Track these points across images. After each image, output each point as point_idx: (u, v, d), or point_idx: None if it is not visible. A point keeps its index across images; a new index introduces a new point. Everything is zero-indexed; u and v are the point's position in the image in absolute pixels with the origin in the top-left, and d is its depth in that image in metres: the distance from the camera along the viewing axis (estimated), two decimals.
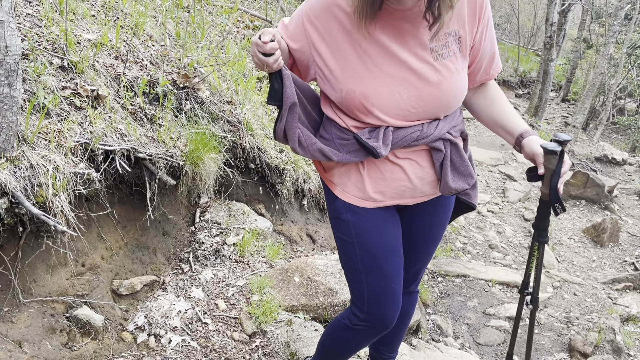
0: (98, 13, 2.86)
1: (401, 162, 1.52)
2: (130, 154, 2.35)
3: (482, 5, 1.49)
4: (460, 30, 1.47)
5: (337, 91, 1.47)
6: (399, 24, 1.43)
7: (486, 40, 1.55)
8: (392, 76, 1.43)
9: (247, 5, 6.52)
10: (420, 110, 1.46)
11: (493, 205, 6.24)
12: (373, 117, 1.46)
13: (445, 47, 1.45)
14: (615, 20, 10.41)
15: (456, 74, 1.47)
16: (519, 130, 1.56)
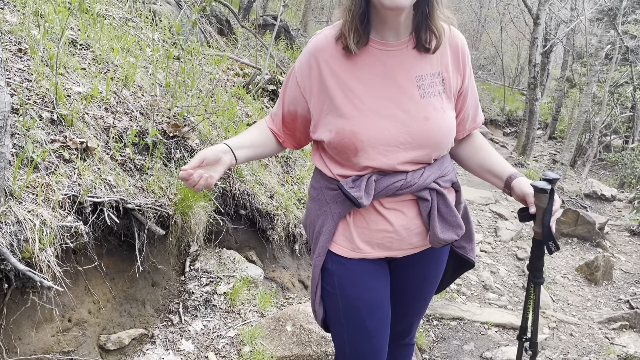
0: (89, 66, 2.91)
1: (386, 213, 1.52)
2: (119, 205, 2.34)
3: (464, 53, 1.55)
4: (443, 72, 1.51)
5: (326, 132, 1.49)
6: (386, 61, 1.46)
7: (471, 87, 1.60)
8: (380, 113, 1.45)
9: (237, 53, 6.65)
10: (409, 147, 1.47)
11: (486, 244, 6.23)
12: (362, 156, 1.46)
13: (430, 86, 1.49)
14: (596, 61, 10.70)
15: (442, 112, 1.50)
16: (507, 173, 1.59)
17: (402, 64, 1.47)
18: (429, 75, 1.49)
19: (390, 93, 1.46)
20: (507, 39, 22.82)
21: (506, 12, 21.18)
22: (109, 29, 3.68)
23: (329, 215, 1.57)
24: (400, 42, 1.47)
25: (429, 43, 1.46)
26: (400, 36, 1.47)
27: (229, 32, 7.13)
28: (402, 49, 1.47)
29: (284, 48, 8.99)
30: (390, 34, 1.46)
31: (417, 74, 1.47)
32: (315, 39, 1.52)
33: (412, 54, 1.48)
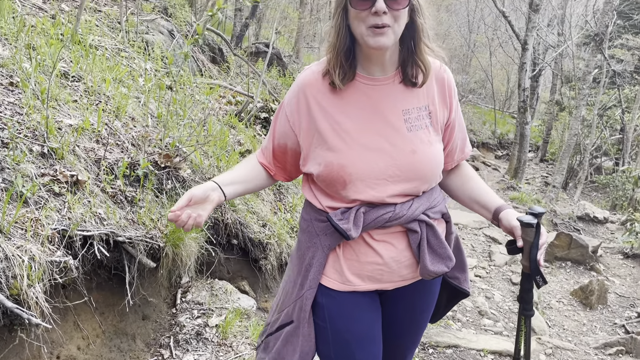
0: (80, 98, 2.92)
1: (376, 245, 1.52)
2: (110, 238, 2.32)
3: (450, 86, 1.57)
4: (430, 105, 1.53)
5: (315, 165, 1.50)
6: (373, 96, 1.49)
7: (458, 119, 1.62)
8: (368, 147, 1.46)
9: (230, 81, 6.71)
10: (397, 180, 1.48)
11: (480, 269, 6.20)
12: (351, 189, 1.46)
13: (417, 119, 1.50)
14: (585, 84, 10.87)
15: (429, 145, 1.51)
16: (495, 205, 1.60)
17: (388, 98, 1.49)
18: (415, 109, 1.51)
19: (377, 127, 1.47)
20: (496, 64, 23.17)
21: (495, 38, 21.54)
22: (101, 59, 3.70)
23: (319, 247, 1.56)
24: (387, 76, 1.49)
25: (416, 77, 1.49)
26: (387, 71, 1.49)
27: (221, 60, 7.19)
28: (388, 83, 1.49)
29: (277, 75, 9.08)
30: (377, 70, 1.48)
31: (403, 107, 1.49)
32: (303, 74, 1.55)
33: (399, 88, 1.50)
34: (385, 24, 1.38)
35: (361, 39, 1.41)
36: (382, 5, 1.36)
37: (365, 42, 1.40)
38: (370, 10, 1.36)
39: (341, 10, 1.42)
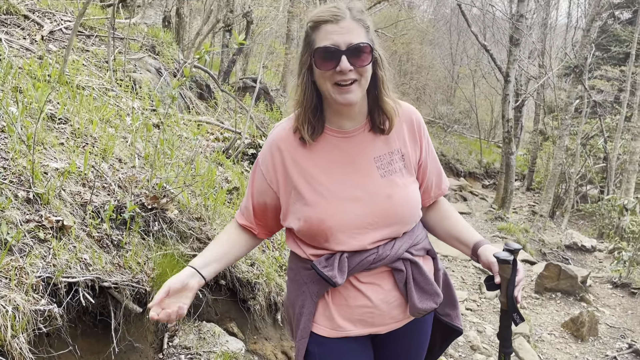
0: (67, 140, 2.91)
1: (364, 288, 1.52)
2: (95, 283, 2.28)
3: (419, 126, 1.63)
4: (402, 148, 1.58)
5: (295, 221, 1.52)
6: (344, 147, 1.52)
7: (430, 156, 1.66)
8: (344, 198, 1.49)
9: (218, 117, 6.74)
10: (377, 227, 1.50)
11: (471, 302, 6.18)
12: (333, 241, 1.48)
13: (390, 164, 1.54)
14: (567, 115, 11.09)
15: (404, 188, 1.54)
16: (473, 241, 1.63)
17: (359, 148, 1.53)
18: (387, 154, 1.55)
19: (351, 177, 1.51)
20: (480, 94, 23.61)
21: (477, 69, 22.01)
22: (88, 100, 3.71)
23: (307, 295, 1.56)
24: (357, 127, 1.54)
25: (383, 124, 1.54)
26: (357, 122, 1.54)
27: (209, 97, 7.25)
28: (358, 133, 1.53)
29: (264, 109, 9.15)
30: (347, 122, 1.53)
31: (374, 155, 1.53)
32: (274, 131, 1.58)
33: (369, 136, 1.55)
34: (351, 79, 1.42)
35: (329, 96, 1.45)
36: (347, 64, 1.40)
37: (334, 99, 1.44)
38: (335, 70, 1.40)
39: (306, 70, 1.47)
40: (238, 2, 11.39)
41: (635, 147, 12.95)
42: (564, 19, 22.44)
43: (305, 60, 1.46)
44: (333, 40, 1.40)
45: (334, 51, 1.40)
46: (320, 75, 1.43)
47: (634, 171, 12.90)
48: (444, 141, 18.40)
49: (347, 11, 1.43)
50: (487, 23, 20.85)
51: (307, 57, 1.45)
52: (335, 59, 1.40)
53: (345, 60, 1.39)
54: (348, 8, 1.45)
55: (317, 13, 1.44)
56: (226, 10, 9.48)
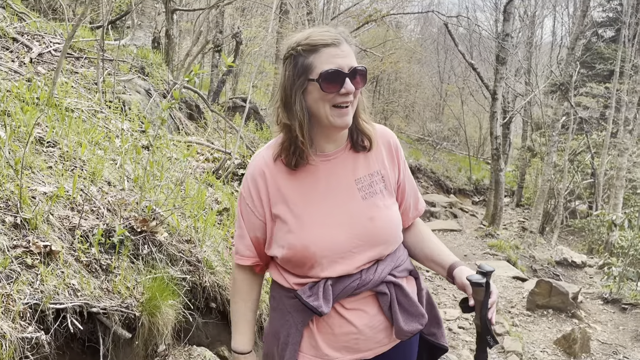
0: (55, 164, 2.89)
1: (348, 315, 1.51)
2: (83, 309, 2.25)
3: (396, 147, 1.66)
4: (381, 170, 1.59)
5: (278, 249, 1.52)
6: (325, 171, 1.53)
7: (407, 177, 1.69)
8: (327, 223, 1.49)
9: (208, 137, 6.74)
10: (361, 250, 1.50)
11: (463, 320, 6.15)
12: (318, 267, 1.48)
13: (370, 186, 1.55)
14: (554, 131, 11.22)
15: (386, 209, 1.55)
16: (449, 262, 1.63)
17: (340, 170, 1.54)
18: (367, 176, 1.56)
19: (333, 201, 1.51)
20: (468, 111, 23.85)
21: (465, 87, 22.27)
22: (77, 122, 3.70)
23: (292, 325, 1.55)
24: (338, 149, 1.55)
25: (363, 142, 1.56)
26: (338, 144, 1.55)
27: (198, 117, 7.26)
28: (339, 156, 1.55)
29: (254, 129, 9.17)
30: (330, 146, 1.54)
31: (355, 177, 1.55)
32: (254, 162, 1.58)
33: (350, 156, 1.56)
34: (349, 101, 1.45)
35: (326, 119, 1.46)
36: (351, 86, 1.43)
37: (331, 122, 1.45)
38: (339, 92, 1.41)
39: (300, 93, 1.46)
40: (227, 23, 11.50)
41: (621, 163, 13.12)
42: (549, 37, 22.86)
43: (301, 84, 1.45)
44: (337, 63, 1.42)
45: (339, 74, 1.41)
46: (321, 98, 1.43)
47: (622, 187, 13.05)
48: (434, 158, 18.51)
49: (340, 35, 1.46)
50: (474, 42, 21.17)
51: (303, 80, 1.44)
52: (340, 82, 1.41)
53: (349, 82, 1.42)
54: (338, 32, 1.47)
55: (314, 37, 1.44)
56: (215, 31, 9.55)
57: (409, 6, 15.41)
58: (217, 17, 9.46)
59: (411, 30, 28.13)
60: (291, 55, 1.47)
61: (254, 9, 13.07)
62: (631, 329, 6.25)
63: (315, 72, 1.42)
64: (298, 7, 11.49)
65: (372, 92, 20.54)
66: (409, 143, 20.83)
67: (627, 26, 15.42)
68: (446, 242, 9.76)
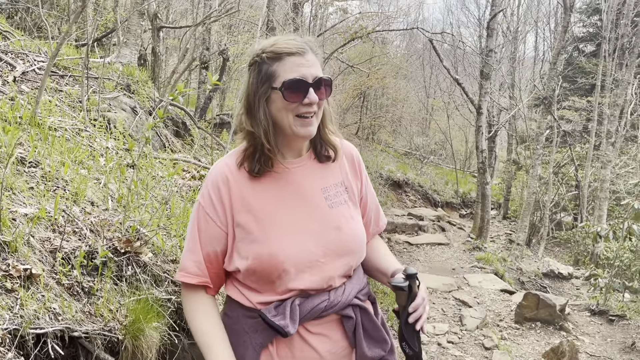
0: (37, 185, 2.85)
1: (311, 339, 1.47)
2: (65, 334, 2.21)
3: (358, 160, 1.67)
4: (345, 181, 1.60)
5: (241, 260, 1.46)
6: (291, 178, 1.51)
7: (369, 192, 1.69)
8: (294, 231, 1.46)
9: (194, 154, 6.72)
10: (329, 259, 1.48)
11: (452, 334, 6.14)
12: (286, 278, 1.43)
13: (336, 196, 1.55)
14: (538, 144, 11.35)
15: (351, 220, 1.55)
16: (391, 269, 1.61)
17: (306, 179, 1.53)
18: (333, 186, 1.56)
19: (300, 209, 1.49)
20: (454, 125, 24.08)
21: (451, 101, 22.50)
22: (60, 141, 3.66)
23: (249, 346, 1.48)
24: (302, 158, 1.55)
25: (327, 152, 1.57)
26: (302, 153, 1.55)
27: (185, 134, 7.23)
28: (304, 164, 1.54)
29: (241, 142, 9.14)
30: (293, 154, 1.54)
31: (321, 186, 1.54)
32: (215, 170, 1.52)
33: (315, 166, 1.56)
34: (313, 112, 1.44)
35: (289, 128, 1.45)
36: (315, 96, 1.41)
37: (294, 132, 1.44)
38: (302, 102, 1.41)
39: (264, 101, 1.44)
40: (214, 39, 11.53)
41: (605, 175, 13.28)
42: (532, 52, 23.26)
43: (264, 92, 1.43)
44: (301, 72, 1.40)
45: (303, 83, 1.40)
46: (284, 107, 1.42)
47: (605, 198, 13.20)
48: (421, 172, 18.60)
49: (306, 44, 1.45)
50: (458, 57, 21.44)
51: (267, 88, 1.43)
52: (303, 91, 1.40)
53: (313, 92, 1.41)
54: (305, 41, 1.46)
55: (279, 44, 1.43)
56: (202, 48, 9.57)
57: (395, 23, 15.60)
58: (204, 34, 9.48)
59: (397, 46, 28.45)
60: (255, 62, 1.46)
61: (241, 26, 13.13)
62: (619, 341, 6.28)
63: (278, 80, 1.41)
64: (285, 24, 11.58)
65: (360, 107, 20.66)
66: (397, 157, 20.93)
67: (607, 41, 15.73)
68: (434, 255, 9.78)
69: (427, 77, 26.34)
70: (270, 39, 1.48)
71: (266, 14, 10.87)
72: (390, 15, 15.48)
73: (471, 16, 35.64)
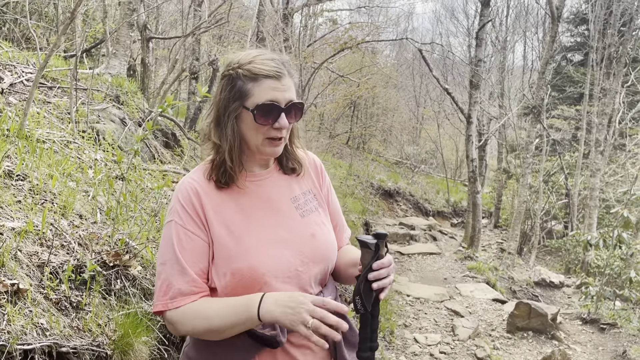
0: (25, 198, 2.82)
1: (295, 352, 1.46)
2: (52, 349, 2.17)
3: (321, 167, 1.70)
4: (313, 189, 1.62)
5: (218, 277, 1.42)
6: (260, 190, 1.52)
7: (333, 203, 1.71)
8: (271, 241, 1.45)
9: (184, 165, 6.68)
10: (306, 267, 1.48)
11: (444, 345, 6.12)
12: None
13: (306, 204, 1.57)
14: (528, 153, 11.42)
15: (324, 226, 1.57)
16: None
17: (275, 190, 1.54)
18: (301, 195, 1.58)
19: (273, 219, 1.49)
20: (444, 135, 24.22)
21: (441, 110, 22.63)
22: (48, 153, 3.63)
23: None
24: (268, 170, 1.56)
25: (293, 165, 1.58)
26: (269, 165, 1.57)
27: (175, 145, 7.20)
28: (270, 176, 1.55)
29: None
30: (260, 167, 1.55)
31: (291, 195, 1.55)
32: (182, 185, 1.48)
33: (281, 177, 1.57)
34: (283, 136, 1.46)
35: (255, 148, 1.46)
36: (286, 122, 1.43)
37: (260, 151, 1.47)
38: (273, 125, 1.42)
39: (233, 117, 1.44)
40: (204, 50, 11.54)
41: (594, 184, 13.39)
42: (521, 62, 23.50)
43: (235, 108, 1.42)
44: (274, 96, 1.40)
45: (276, 108, 1.40)
46: (254, 128, 1.42)
47: (595, 207, 13.29)
48: (412, 181, 18.65)
49: (284, 67, 1.44)
50: (448, 67, 21.61)
51: (238, 105, 1.41)
52: (274, 115, 1.40)
53: (284, 117, 1.41)
54: (283, 63, 1.45)
55: (256, 64, 1.41)
56: (192, 59, 9.57)
57: (384, 33, 15.70)
58: (194, 45, 9.48)
59: (387, 56, 28.63)
60: (230, 75, 1.44)
61: (231, 36, 13.16)
62: (610, 349, 6.29)
63: (251, 101, 1.40)
64: (274, 35, 11.61)
65: (350, 117, 20.72)
66: (387, 166, 20.99)
67: (595, 50, 15.94)
68: (426, 265, 9.78)
69: (417, 87, 26.51)
70: (248, 52, 1.46)
71: (256, 25, 10.90)
72: (379, 25, 15.60)
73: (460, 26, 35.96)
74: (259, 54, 1.45)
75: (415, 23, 60.43)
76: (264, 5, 12.44)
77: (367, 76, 16.82)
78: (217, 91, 1.48)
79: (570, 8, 21.73)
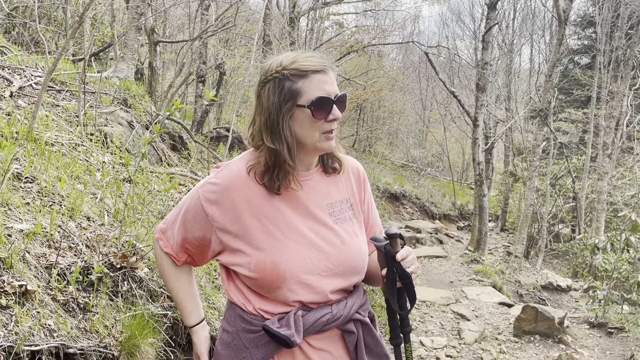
0: (33, 200, 2.84)
1: (314, 354, 1.47)
2: (60, 350, 2.19)
3: (364, 177, 1.69)
4: (351, 198, 1.62)
5: (246, 265, 1.45)
6: (299, 194, 1.52)
7: (372, 210, 1.71)
8: (299, 242, 1.46)
9: (191, 167, 6.71)
10: (330, 274, 1.48)
11: (450, 349, 6.10)
12: (285, 288, 1.43)
13: (341, 212, 1.56)
14: (535, 156, 11.37)
15: (355, 236, 1.56)
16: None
17: (313, 193, 1.54)
18: (338, 202, 1.57)
19: (306, 222, 1.50)
20: (450, 137, 24.16)
21: (447, 113, 22.60)
22: (57, 156, 3.66)
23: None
24: (311, 171, 1.56)
25: (334, 164, 1.59)
26: (312, 167, 1.57)
27: (182, 148, 7.24)
28: (312, 177, 1.55)
29: (238, 153, 9.15)
30: (304, 168, 1.55)
31: (327, 202, 1.55)
32: (226, 172, 1.51)
33: (323, 180, 1.57)
34: (334, 129, 1.47)
35: (312, 144, 1.46)
36: (338, 112, 1.44)
37: (318, 147, 1.46)
38: (327, 118, 1.42)
39: (288, 118, 1.44)
40: (211, 53, 11.59)
41: (602, 187, 13.31)
42: (527, 65, 23.42)
43: (288, 109, 1.43)
44: (326, 90, 1.42)
45: (328, 101, 1.42)
46: (310, 124, 1.43)
47: (603, 210, 13.22)
48: (418, 184, 18.62)
49: (327, 62, 1.46)
50: (454, 70, 21.58)
51: (291, 105, 1.42)
52: (328, 108, 1.42)
53: (337, 109, 1.44)
54: (325, 59, 1.47)
55: (302, 61, 1.43)
56: (199, 62, 9.62)
57: (391, 36, 15.71)
58: (201, 48, 9.53)
59: (393, 59, 28.64)
60: (276, 78, 1.44)
61: (237, 40, 13.22)
62: (618, 354, 6.25)
63: (304, 98, 1.41)
64: (281, 38, 11.65)
65: (356, 120, 20.73)
66: (393, 169, 20.96)
67: (602, 53, 15.88)
68: (432, 268, 9.75)
69: (424, 90, 26.49)
70: (287, 55, 1.48)
71: (262, 28, 10.94)
72: (386, 28, 15.61)
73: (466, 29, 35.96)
74: (298, 53, 1.47)
75: (422, 26, 60.49)
76: (271, 9, 12.50)
77: (373, 79, 16.84)
78: (263, 98, 1.46)
79: (577, 11, 21.69)
